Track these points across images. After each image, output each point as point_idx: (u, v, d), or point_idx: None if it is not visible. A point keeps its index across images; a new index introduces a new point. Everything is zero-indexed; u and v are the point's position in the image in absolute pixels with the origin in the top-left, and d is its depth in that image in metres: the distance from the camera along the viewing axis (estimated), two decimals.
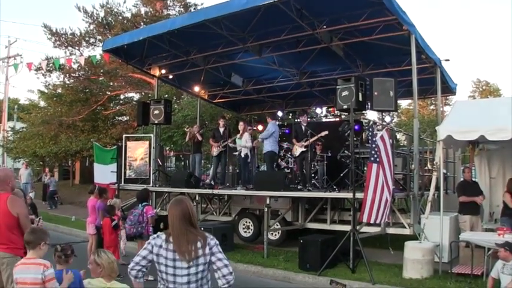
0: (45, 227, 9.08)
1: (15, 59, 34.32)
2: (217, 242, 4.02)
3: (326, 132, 13.32)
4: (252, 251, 12.63)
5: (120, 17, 28.96)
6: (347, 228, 11.00)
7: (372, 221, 10.26)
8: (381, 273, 9.92)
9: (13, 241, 5.95)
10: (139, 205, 10.42)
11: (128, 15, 29.19)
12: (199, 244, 3.87)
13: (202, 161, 18.66)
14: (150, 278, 8.51)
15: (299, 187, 13.48)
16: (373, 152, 10.10)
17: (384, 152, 10.21)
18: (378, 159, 10.04)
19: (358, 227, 10.53)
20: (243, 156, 14.85)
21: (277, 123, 15.91)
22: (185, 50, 15.79)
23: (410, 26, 11.78)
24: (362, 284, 9.36)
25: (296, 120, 15.22)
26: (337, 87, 12.33)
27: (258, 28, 13.33)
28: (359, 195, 10.35)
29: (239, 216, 14.65)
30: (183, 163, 25.54)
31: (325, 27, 12.77)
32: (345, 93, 12.04)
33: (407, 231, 11.32)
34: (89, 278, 4.92)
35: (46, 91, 33.12)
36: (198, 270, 3.86)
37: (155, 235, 4.03)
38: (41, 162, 35.27)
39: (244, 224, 14.40)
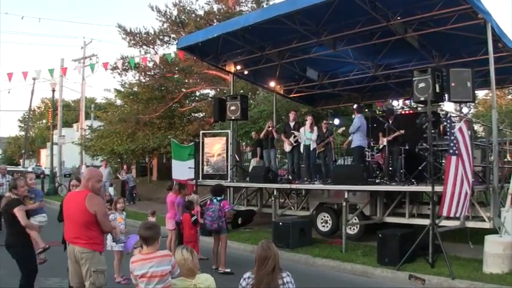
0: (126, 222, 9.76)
1: (91, 59, 35.79)
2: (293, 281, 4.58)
3: (402, 132, 13.43)
4: (330, 246, 12.65)
5: (193, 15, 29.76)
6: (426, 222, 10.97)
7: (451, 215, 10.20)
8: (460, 268, 9.80)
9: (91, 237, 6.27)
10: (215, 200, 10.62)
11: (201, 12, 29.97)
12: (280, 282, 4.48)
13: (278, 156, 18.98)
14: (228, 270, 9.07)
15: (377, 180, 13.58)
16: (451, 145, 10.04)
17: (463, 144, 10.14)
18: (456, 152, 9.97)
19: (437, 221, 10.47)
20: (311, 149, 15.14)
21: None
22: (260, 45, 16.04)
23: (486, 14, 11.61)
24: (441, 279, 9.32)
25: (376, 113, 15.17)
26: (414, 79, 12.34)
27: (331, 21, 13.41)
28: (438, 188, 10.23)
29: (317, 211, 14.77)
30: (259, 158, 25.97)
31: (399, 18, 12.76)
32: (421, 84, 12.05)
33: (487, 225, 11.17)
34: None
35: (122, 90, 34.51)
36: None
37: (246, 276, 4.59)
38: (118, 160, 36.66)
39: (322, 219, 14.49)
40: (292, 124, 16.14)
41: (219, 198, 10.67)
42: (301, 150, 15.59)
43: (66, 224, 6.49)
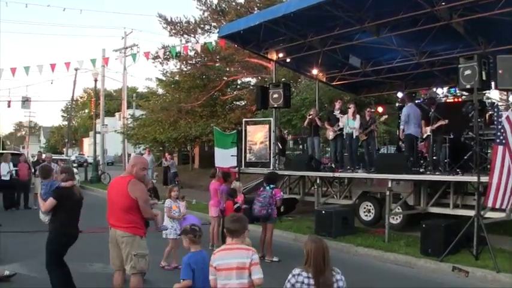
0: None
1: (132, 49, 36.19)
2: (343, 279, 4.55)
3: (446, 121, 13.26)
4: (373, 235, 12.68)
5: (234, 3, 29.85)
6: (470, 213, 10.95)
7: (497, 206, 10.00)
8: (505, 261, 9.65)
9: (132, 221, 6.51)
10: (267, 187, 10.67)
11: (241, 1, 29.95)
12: (333, 279, 4.46)
13: (321, 144, 19.02)
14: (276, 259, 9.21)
15: (421, 170, 13.49)
16: (498, 134, 9.89)
17: (510, 133, 9.97)
18: (504, 141, 9.79)
19: (482, 212, 10.37)
20: (353, 138, 15.13)
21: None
22: (302, 32, 16.05)
23: None
24: (486, 272, 9.25)
25: (417, 101, 14.97)
26: (459, 66, 12.10)
27: (374, 7, 13.31)
28: (484, 179, 10.15)
29: (360, 200, 14.84)
30: (300, 146, 26.04)
31: (444, 3, 12.54)
32: (467, 72, 11.83)
33: None
34: None
35: (164, 79, 34.91)
36: None
37: (296, 272, 4.49)
38: (160, 148, 37.19)
39: (365, 208, 14.56)
40: (337, 112, 16.15)
41: (271, 185, 10.74)
42: (344, 138, 15.59)
43: (109, 208, 6.69)
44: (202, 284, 5.30)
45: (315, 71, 19.25)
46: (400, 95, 19.03)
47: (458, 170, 12.46)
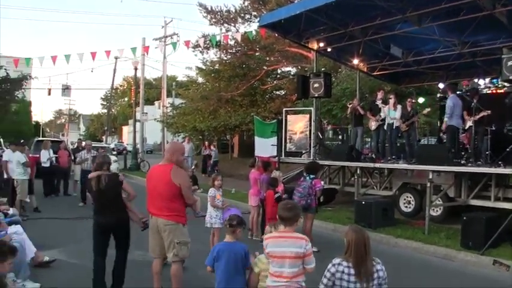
0: (204, 197, 10.09)
1: (172, 38, 36.58)
2: (383, 269, 4.63)
3: (489, 112, 13.18)
4: (412, 227, 12.61)
5: None
6: None
7: None
8: None
9: (175, 209, 6.59)
10: (307, 177, 10.63)
11: None
12: (374, 269, 4.55)
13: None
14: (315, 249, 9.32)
15: (463, 162, 13.39)
16: None
17: None
18: None
19: None
20: (394, 128, 15.18)
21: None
22: (343, 22, 16.02)
23: None
24: None
25: (458, 92, 14.87)
26: (502, 56, 12.05)
27: None
28: None
29: (400, 191, 14.81)
30: (340, 136, 26.08)
31: None
32: (510, 62, 11.74)
33: None
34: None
35: (204, 68, 35.19)
36: None
37: (337, 262, 4.57)
38: (200, 137, 37.55)
39: (405, 199, 14.53)
40: (379, 102, 16.17)
41: (311, 176, 10.71)
42: (385, 129, 15.63)
43: (149, 197, 6.75)
44: (222, 275, 5.47)
45: (355, 61, 19.23)
46: (441, 85, 18.92)
47: (500, 162, 12.24)
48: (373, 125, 16.19)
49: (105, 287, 7.20)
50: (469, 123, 13.81)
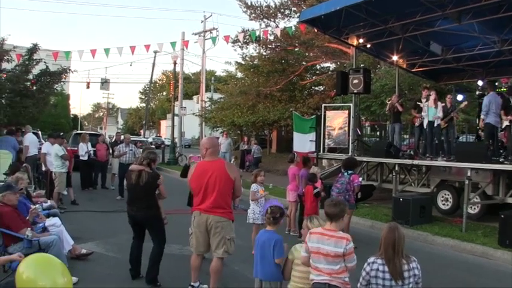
0: (244, 193, 10.27)
1: (211, 32, 36.85)
2: (419, 267, 4.81)
3: None
4: (450, 224, 12.71)
5: None
6: None
7: None
8: None
9: (227, 205, 6.72)
10: (346, 173, 10.75)
11: None
12: (405, 267, 4.71)
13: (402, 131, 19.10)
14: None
15: (501, 159, 13.37)
16: None
17: None
18: None
19: None
20: (435, 126, 15.24)
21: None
22: (383, 18, 16.07)
23: None
24: None
25: (501, 91, 14.77)
26: None
27: None
28: None
29: (438, 188, 14.82)
30: (378, 133, 26.09)
31: None
32: None
33: None
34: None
35: (243, 63, 35.40)
36: (410, 287, 4.72)
37: (371, 260, 4.80)
38: (238, 132, 37.80)
39: (442, 196, 14.55)
40: (423, 100, 16.23)
41: (349, 171, 10.81)
42: (425, 126, 15.70)
43: (201, 194, 6.67)
44: (257, 260, 5.73)
45: (395, 57, 19.25)
46: (480, 83, 18.85)
47: None
48: (417, 121, 16.37)
49: (139, 263, 7.57)
50: (506, 122, 13.78)
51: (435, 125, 15.34)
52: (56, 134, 15.79)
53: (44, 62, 22.40)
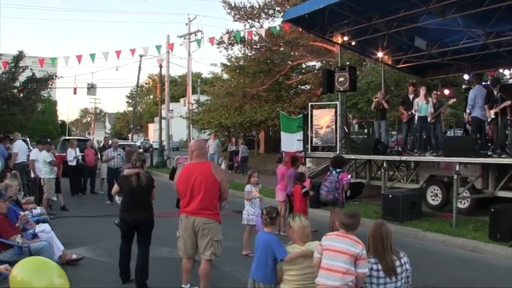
0: (232, 194, 10.19)
1: (196, 35, 36.81)
2: (409, 262, 4.87)
3: (509, 102, 13.05)
4: (440, 220, 12.66)
5: None
6: None
7: None
8: None
9: (214, 207, 6.70)
10: (334, 171, 10.69)
11: None
12: (397, 262, 4.74)
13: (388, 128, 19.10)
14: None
15: (489, 153, 13.32)
16: None
17: None
18: None
19: None
20: (427, 121, 15.18)
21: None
22: (366, 15, 16.03)
23: None
24: None
25: (486, 84, 14.80)
26: None
27: None
28: None
29: (427, 184, 14.79)
30: (366, 130, 26.12)
31: None
32: None
33: None
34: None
35: (229, 64, 35.48)
36: (402, 282, 4.76)
37: None
38: (226, 133, 37.82)
39: (432, 192, 14.51)
40: (411, 97, 16.32)
41: (338, 170, 10.77)
42: (416, 122, 15.67)
43: (188, 197, 6.67)
44: (256, 261, 5.64)
45: (380, 54, 19.19)
46: (466, 77, 18.87)
47: None
48: (404, 117, 16.38)
49: (129, 267, 7.49)
50: (491, 115, 13.74)
51: (428, 120, 15.31)
52: (44, 141, 15.71)
53: (30, 69, 22.34)
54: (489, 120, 13.90)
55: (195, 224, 6.62)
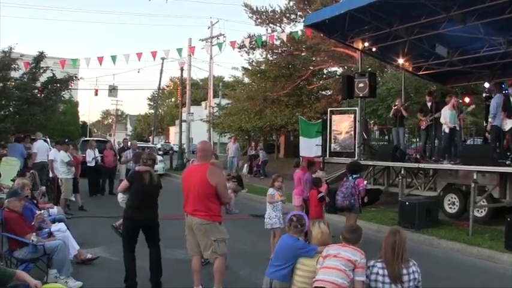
0: (250, 198, 10.20)
1: (218, 38, 37.05)
2: (419, 271, 4.93)
3: None
4: (456, 228, 12.64)
5: None
6: None
7: None
8: None
9: (211, 209, 6.75)
10: (350, 177, 10.83)
11: None
12: (404, 271, 4.81)
13: (406, 135, 19.06)
14: None
15: (507, 162, 13.22)
16: None
17: None
18: None
19: None
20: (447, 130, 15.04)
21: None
22: (387, 21, 16.06)
23: None
24: None
25: (504, 92, 14.76)
26: None
27: None
28: None
29: (444, 192, 14.75)
30: (386, 137, 26.01)
31: None
32: None
33: None
34: None
35: (250, 68, 35.52)
36: None
37: (371, 264, 4.99)
38: (246, 137, 37.91)
39: (449, 200, 14.47)
40: (429, 104, 16.33)
41: (354, 175, 10.85)
42: (446, 130, 15.27)
43: (185, 196, 6.95)
44: (273, 260, 5.85)
45: (400, 61, 19.16)
46: (487, 85, 18.77)
47: None
48: (423, 124, 16.38)
49: (136, 277, 7.45)
50: (509, 125, 13.65)
51: (457, 128, 15.25)
52: (62, 141, 15.93)
53: (51, 69, 22.58)
54: (507, 129, 13.82)
55: (192, 224, 6.82)
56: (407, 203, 13.01)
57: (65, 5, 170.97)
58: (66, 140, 16.82)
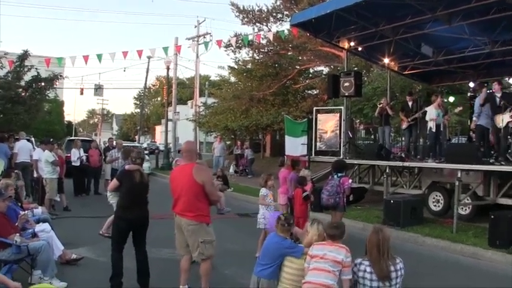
0: (236, 197, 10.20)
1: (204, 37, 36.99)
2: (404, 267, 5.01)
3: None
4: (441, 226, 12.76)
5: None
6: None
7: None
8: None
9: (199, 208, 6.73)
10: (335, 176, 10.78)
11: None
12: (392, 268, 4.88)
13: (392, 134, 19.17)
14: None
15: (491, 160, 13.33)
16: None
17: None
18: None
19: None
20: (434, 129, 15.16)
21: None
22: (373, 21, 16.12)
23: None
24: None
25: (488, 91, 14.86)
26: None
27: None
28: None
29: (429, 190, 14.87)
30: (372, 136, 26.13)
31: None
32: None
33: None
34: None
35: (236, 67, 35.48)
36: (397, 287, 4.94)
37: (358, 262, 5.04)
38: (232, 136, 37.91)
39: (434, 198, 14.58)
40: (410, 104, 16.53)
41: (339, 174, 10.85)
42: (433, 128, 15.34)
43: (175, 198, 6.92)
44: (260, 259, 5.96)
45: (386, 60, 19.26)
46: (472, 84, 18.92)
47: None
48: (404, 124, 16.47)
49: (122, 276, 7.40)
50: (505, 120, 13.51)
51: (442, 127, 15.38)
52: (47, 140, 15.76)
53: (36, 68, 22.45)
54: (503, 126, 13.83)
55: (181, 225, 6.81)
56: (392, 201, 13.12)
57: (48, 2, 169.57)
58: (51, 140, 16.68)
